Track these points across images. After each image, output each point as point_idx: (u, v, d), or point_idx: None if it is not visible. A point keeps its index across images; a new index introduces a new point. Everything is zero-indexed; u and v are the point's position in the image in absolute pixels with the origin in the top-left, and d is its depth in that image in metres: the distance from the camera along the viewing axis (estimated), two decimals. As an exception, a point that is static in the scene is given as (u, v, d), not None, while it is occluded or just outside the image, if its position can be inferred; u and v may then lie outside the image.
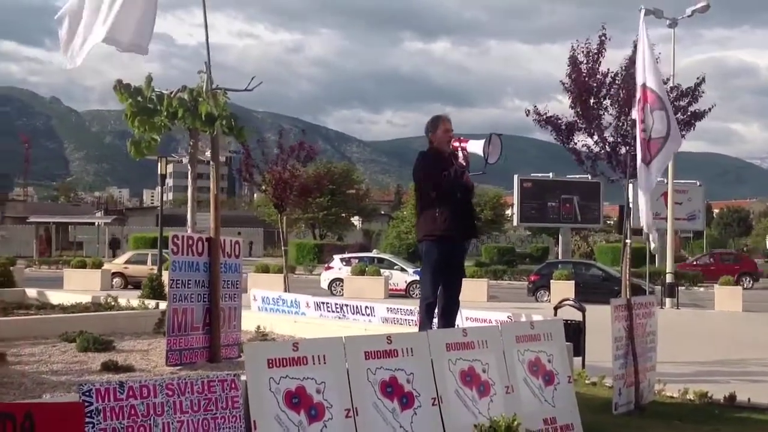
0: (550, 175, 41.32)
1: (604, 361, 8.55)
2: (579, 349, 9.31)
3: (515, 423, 4.81)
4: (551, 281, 26.75)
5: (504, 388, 5.76)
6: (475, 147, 6.91)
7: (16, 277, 18.26)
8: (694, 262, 41.92)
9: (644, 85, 8.04)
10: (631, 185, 11.01)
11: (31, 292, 13.87)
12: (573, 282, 25.91)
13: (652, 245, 9.01)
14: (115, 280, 29.12)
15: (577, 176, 35.63)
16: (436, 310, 7.17)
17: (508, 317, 9.17)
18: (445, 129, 7.19)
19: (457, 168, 6.94)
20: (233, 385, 4.45)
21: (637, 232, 10.30)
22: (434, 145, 7.26)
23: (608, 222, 52.68)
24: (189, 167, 7.64)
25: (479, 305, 16.74)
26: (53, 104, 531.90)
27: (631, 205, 10.52)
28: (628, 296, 8.67)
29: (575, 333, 9.11)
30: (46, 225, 60.99)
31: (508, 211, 55.22)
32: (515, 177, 39.91)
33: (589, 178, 20.41)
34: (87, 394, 3.98)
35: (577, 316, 10.06)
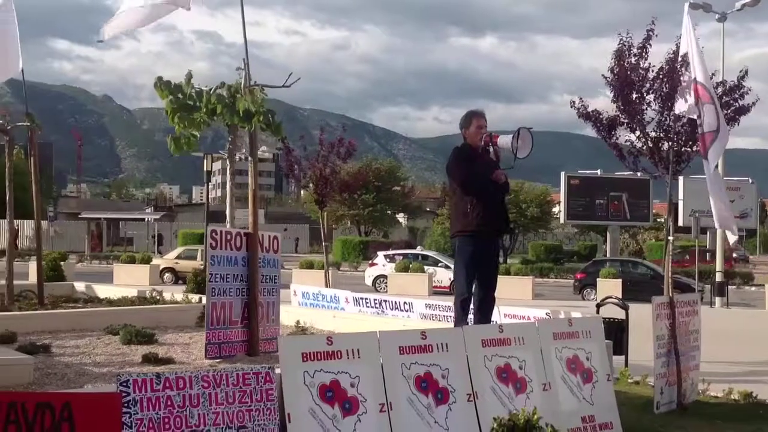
0: (598, 171, 40.77)
1: (647, 360, 8.41)
2: (621, 348, 9.19)
3: (535, 417, 4.75)
4: (598, 279, 26.43)
5: (541, 386, 5.71)
6: (505, 142, 6.87)
7: (67, 272, 18.66)
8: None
9: (695, 80, 7.94)
10: (680, 180, 10.82)
11: (80, 286, 14.17)
12: (620, 280, 25.56)
13: (731, 240, 8.87)
14: (166, 275, 29.62)
15: (627, 173, 35.12)
16: (472, 306, 7.14)
17: (546, 314, 9.08)
18: (477, 125, 7.17)
19: (488, 163, 6.90)
20: (268, 378, 4.48)
21: (684, 229, 10.13)
22: (467, 140, 7.24)
23: (658, 219, 51.80)
24: (228, 163, 7.72)
25: (524, 303, 16.63)
26: (105, 102, 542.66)
27: (674, 201, 10.33)
28: (670, 294, 8.51)
29: (617, 331, 8.99)
30: (97, 221, 62.31)
31: (555, 209, 54.64)
32: (562, 174, 39.47)
33: (639, 174, 20.12)
34: (124, 384, 4.04)
35: (620, 314, 9.92)
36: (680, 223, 25.85)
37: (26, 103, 11.67)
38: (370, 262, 33.05)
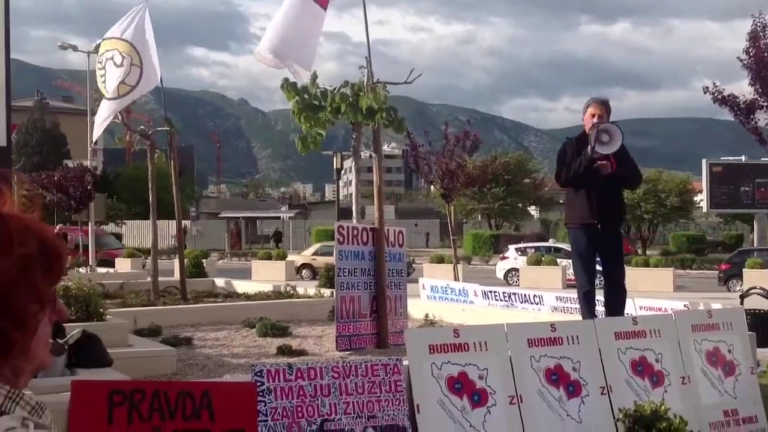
0: (743, 158, 38.64)
1: (798, 354, 7.92)
2: (767, 340, 8.69)
3: (662, 407, 4.56)
4: (744, 270, 25.06)
5: (679, 379, 5.48)
6: (595, 135, 6.62)
7: (208, 269, 19.54)
8: None
9: None
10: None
11: (220, 282, 14.81)
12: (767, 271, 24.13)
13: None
14: (303, 271, 30.42)
15: (775, 158, 33.13)
16: (601, 299, 6.96)
17: (684, 306, 8.70)
18: (591, 113, 6.95)
19: (590, 153, 6.65)
20: (396, 370, 4.52)
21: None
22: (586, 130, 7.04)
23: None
24: (353, 161, 7.85)
25: (665, 295, 16.01)
26: (241, 106, 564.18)
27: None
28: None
29: (763, 323, 8.50)
30: (236, 220, 64.89)
31: (697, 198, 52.21)
32: (704, 161, 37.68)
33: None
34: (259, 374, 4.18)
35: (766, 305, 9.38)
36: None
37: (165, 109, 12.30)
38: (501, 255, 32.72)
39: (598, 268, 6.98)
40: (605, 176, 6.74)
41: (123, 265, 24.35)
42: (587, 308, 6.81)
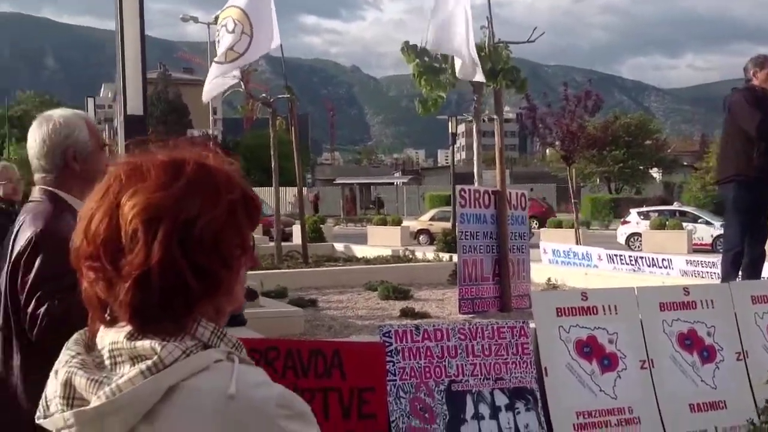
0: None
1: None
2: None
3: None
4: None
5: (823, 345, 5.20)
6: None
7: (326, 234, 19.94)
8: None
9: None
10: None
11: (339, 247, 15.09)
12: None
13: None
14: (420, 236, 30.67)
15: None
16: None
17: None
18: None
19: None
20: (522, 332, 4.49)
21: None
22: (757, 84, 6.65)
23: None
24: (474, 124, 7.77)
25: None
26: (353, 72, 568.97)
27: None
28: None
29: None
30: (350, 186, 65.82)
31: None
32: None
33: None
34: (387, 335, 4.25)
35: None
36: None
37: (285, 77, 12.52)
38: (622, 219, 31.81)
39: None
40: None
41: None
42: (733, 270, 6.50)
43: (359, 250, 14.26)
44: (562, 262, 12.08)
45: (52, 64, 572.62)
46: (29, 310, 2.30)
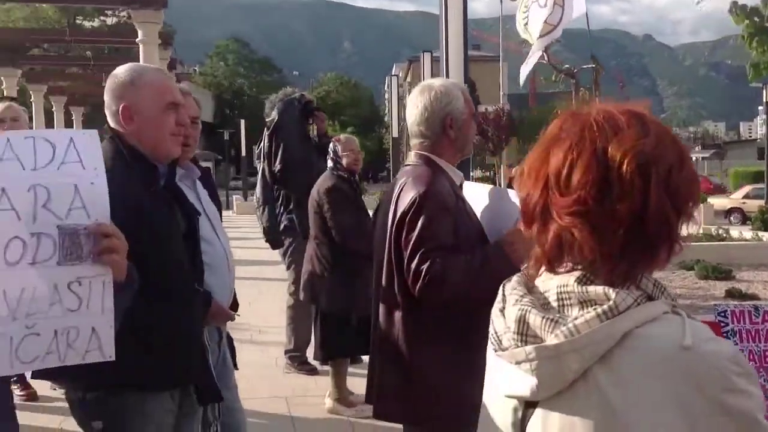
0: None
1: None
2: None
3: None
4: None
5: None
6: None
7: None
8: None
9: None
10: None
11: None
12: None
13: None
14: (733, 215, 28.87)
15: None
16: None
17: None
18: None
19: None
20: None
21: None
22: None
23: None
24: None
25: None
26: (646, 42, 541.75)
27: None
28: None
29: None
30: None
31: None
32: None
33: None
34: (722, 315, 4.02)
35: None
36: None
37: (590, 47, 12.20)
38: None
39: None
40: None
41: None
42: None
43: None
44: None
45: (349, 48, 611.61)
46: (413, 265, 2.47)
